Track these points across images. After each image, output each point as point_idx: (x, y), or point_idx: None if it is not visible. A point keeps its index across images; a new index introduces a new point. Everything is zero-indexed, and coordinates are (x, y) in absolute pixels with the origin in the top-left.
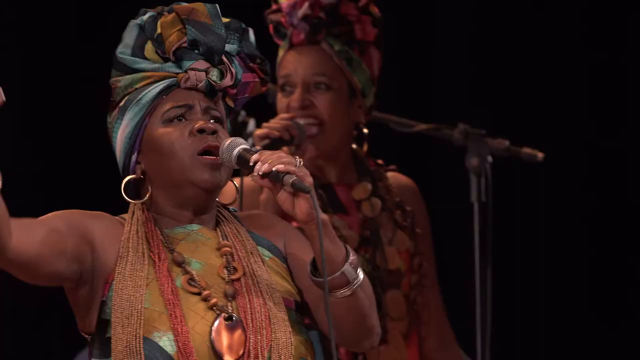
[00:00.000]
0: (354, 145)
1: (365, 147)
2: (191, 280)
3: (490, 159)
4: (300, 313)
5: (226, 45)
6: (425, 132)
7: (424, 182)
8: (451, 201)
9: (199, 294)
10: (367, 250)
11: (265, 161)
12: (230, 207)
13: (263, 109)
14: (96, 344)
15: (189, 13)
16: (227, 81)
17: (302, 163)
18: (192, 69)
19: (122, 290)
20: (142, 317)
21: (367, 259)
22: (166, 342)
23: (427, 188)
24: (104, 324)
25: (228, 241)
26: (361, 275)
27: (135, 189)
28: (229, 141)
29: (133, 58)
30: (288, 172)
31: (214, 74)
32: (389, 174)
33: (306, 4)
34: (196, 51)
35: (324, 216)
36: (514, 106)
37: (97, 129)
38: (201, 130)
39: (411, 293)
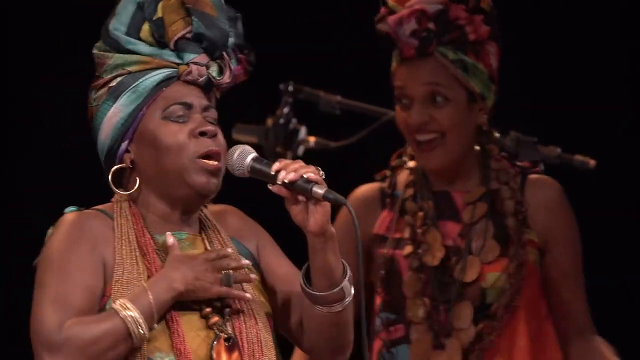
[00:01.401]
0: (477, 147)
1: (492, 148)
2: None
3: (542, 166)
4: (275, 332)
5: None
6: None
7: None
8: None
9: (199, 310)
10: (453, 259)
11: (291, 170)
12: None
13: (314, 116)
14: None
15: (194, 1)
16: (226, 78)
17: (324, 175)
18: (194, 63)
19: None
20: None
21: (445, 267)
22: None
23: None
24: None
25: (212, 248)
26: (352, 290)
27: (119, 178)
28: (239, 150)
29: (127, 38)
30: (317, 182)
31: (214, 70)
32: (531, 177)
33: (413, 20)
34: (198, 44)
35: (331, 229)
36: (566, 113)
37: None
38: (203, 133)
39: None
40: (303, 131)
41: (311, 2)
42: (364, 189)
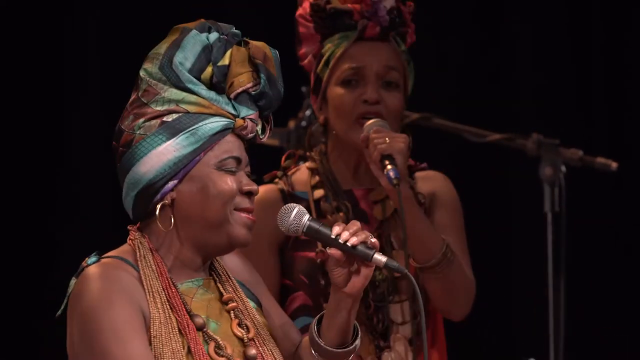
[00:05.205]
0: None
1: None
2: (218, 348)
3: (563, 168)
4: None
5: None
6: (499, 142)
7: (498, 192)
8: (525, 211)
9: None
10: None
11: (352, 234)
12: None
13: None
14: None
15: (262, 58)
16: (266, 137)
17: (377, 242)
18: (250, 119)
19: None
20: None
21: None
22: None
23: (501, 198)
24: None
25: (226, 292)
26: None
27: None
28: (295, 210)
29: (190, 76)
30: (375, 248)
31: (259, 128)
32: (418, 174)
33: None
34: (255, 101)
35: (360, 291)
36: (588, 116)
37: None
38: (249, 193)
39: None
40: None
41: None
42: (263, 191)
